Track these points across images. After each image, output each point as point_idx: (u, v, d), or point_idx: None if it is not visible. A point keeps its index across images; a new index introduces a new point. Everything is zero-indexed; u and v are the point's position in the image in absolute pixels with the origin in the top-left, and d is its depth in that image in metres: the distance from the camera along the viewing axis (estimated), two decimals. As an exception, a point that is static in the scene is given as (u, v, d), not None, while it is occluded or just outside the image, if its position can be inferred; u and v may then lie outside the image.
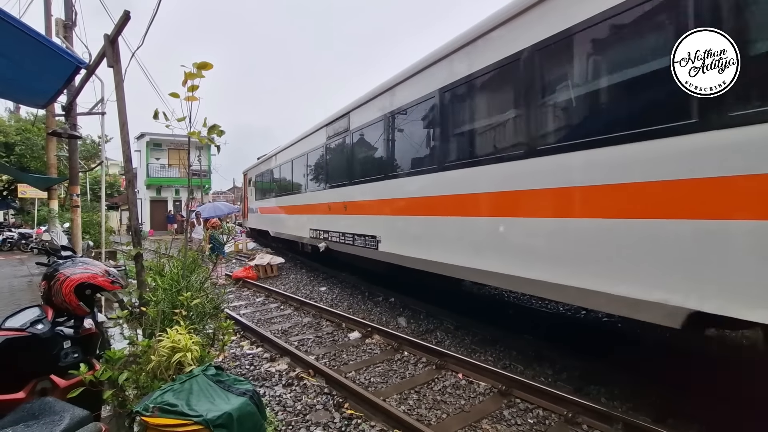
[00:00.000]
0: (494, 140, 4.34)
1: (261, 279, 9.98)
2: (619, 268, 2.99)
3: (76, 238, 8.08)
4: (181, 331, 2.67)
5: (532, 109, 3.70)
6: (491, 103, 4.44)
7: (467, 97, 4.64)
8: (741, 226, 2.36)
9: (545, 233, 3.58)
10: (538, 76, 3.63)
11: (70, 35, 8.20)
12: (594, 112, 3.32)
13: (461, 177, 4.61)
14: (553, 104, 3.59)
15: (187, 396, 2.09)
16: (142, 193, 29.10)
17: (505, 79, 4.07)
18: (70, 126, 6.81)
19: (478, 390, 3.80)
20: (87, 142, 24.07)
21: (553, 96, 3.58)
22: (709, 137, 2.47)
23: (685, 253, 2.60)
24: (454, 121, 4.79)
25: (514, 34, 3.84)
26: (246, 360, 4.69)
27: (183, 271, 3.41)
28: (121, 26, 3.48)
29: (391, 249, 5.91)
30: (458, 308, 6.06)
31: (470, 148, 4.68)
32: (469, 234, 4.50)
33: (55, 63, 4.32)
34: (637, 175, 2.85)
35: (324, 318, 6.40)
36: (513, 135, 4.02)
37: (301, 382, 4.04)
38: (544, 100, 3.62)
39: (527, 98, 3.73)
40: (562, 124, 3.58)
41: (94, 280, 2.44)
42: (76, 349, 2.34)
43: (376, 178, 6.36)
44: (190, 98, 2.89)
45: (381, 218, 6.25)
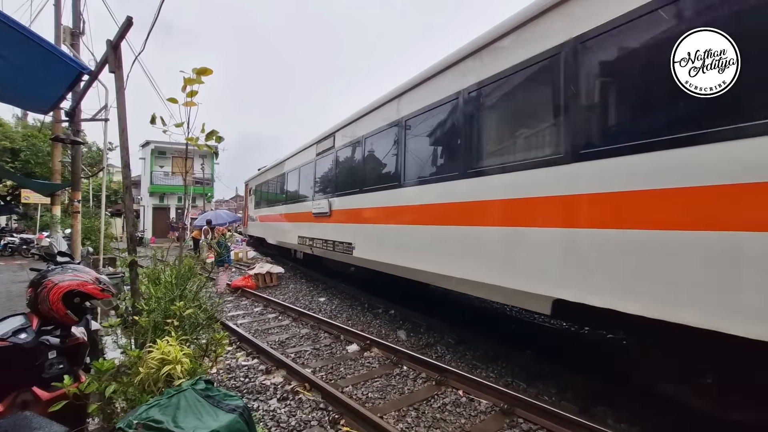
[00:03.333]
0: (418, 169, 5.57)
1: (260, 288, 9.88)
2: (514, 267, 3.85)
3: (75, 245, 8.03)
4: (172, 342, 2.58)
5: (422, 155, 5.48)
6: (417, 142, 5.63)
7: (399, 136, 5.93)
8: (581, 233, 3.20)
9: (460, 240, 4.53)
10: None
11: (77, 42, 8.28)
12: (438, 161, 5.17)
13: (387, 196, 6.09)
14: (433, 152, 5.31)
15: (174, 412, 1.99)
16: (145, 200, 29.23)
17: (428, 123, 5.35)
18: (73, 132, 6.81)
19: (479, 408, 3.67)
20: (93, 148, 24.26)
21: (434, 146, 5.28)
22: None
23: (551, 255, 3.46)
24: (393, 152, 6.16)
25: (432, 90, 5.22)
26: (241, 372, 4.58)
27: (177, 279, 3.33)
28: (123, 32, 3.47)
29: (362, 254, 6.89)
30: (459, 321, 5.94)
31: (401, 173, 5.87)
32: (405, 239, 5.68)
33: (58, 69, 4.33)
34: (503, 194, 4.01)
35: (322, 329, 6.28)
36: (428, 166, 5.37)
37: (296, 396, 3.92)
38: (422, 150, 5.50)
39: (423, 144, 5.44)
40: (441, 164, 5.11)
41: (84, 287, 2.36)
42: (61, 359, 2.25)
43: (351, 191, 7.41)
44: (188, 104, 2.86)
45: (355, 226, 7.22)
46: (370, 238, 6.67)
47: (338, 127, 8.27)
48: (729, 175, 2.36)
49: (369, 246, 6.68)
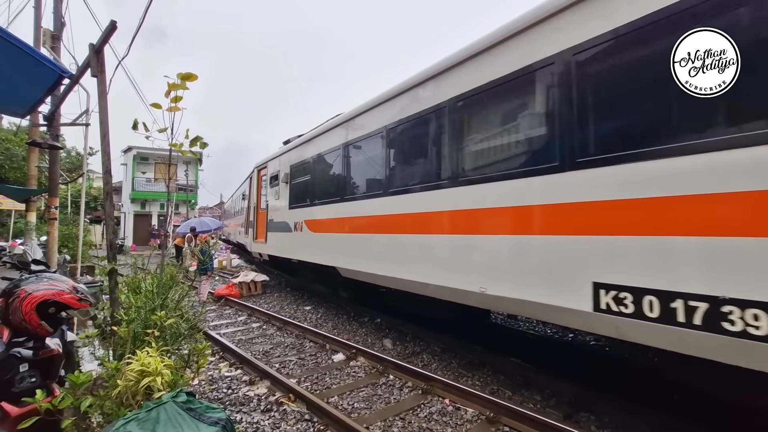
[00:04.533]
0: (358, 186, 6.45)
1: (244, 297, 9.71)
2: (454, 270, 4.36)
3: (52, 252, 7.75)
4: (152, 353, 2.51)
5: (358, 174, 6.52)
6: (358, 163, 6.49)
7: (344, 157, 6.76)
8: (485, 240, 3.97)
9: (411, 245, 5.06)
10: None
11: (57, 46, 8.09)
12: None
13: (330, 209, 7.02)
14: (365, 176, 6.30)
15: (153, 426, 1.93)
16: (126, 206, 28.53)
17: (365, 149, 6.25)
18: (51, 136, 6.62)
19: (465, 417, 3.66)
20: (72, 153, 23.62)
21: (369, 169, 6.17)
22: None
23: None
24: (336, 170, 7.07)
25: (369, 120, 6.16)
26: (223, 383, 4.47)
27: (159, 288, 3.24)
28: (107, 36, 3.41)
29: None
30: (445, 330, 5.93)
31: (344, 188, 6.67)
32: (355, 245, 6.27)
33: (37, 72, 4.21)
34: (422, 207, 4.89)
35: (308, 339, 6.20)
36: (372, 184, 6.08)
37: (280, 408, 3.84)
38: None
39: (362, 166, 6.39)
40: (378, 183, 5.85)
41: (60, 297, 2.28)
42: (34, 372, 2.16)
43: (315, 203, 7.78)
44: (172, 109, 2.81)
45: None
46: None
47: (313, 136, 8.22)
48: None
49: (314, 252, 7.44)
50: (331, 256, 6.96)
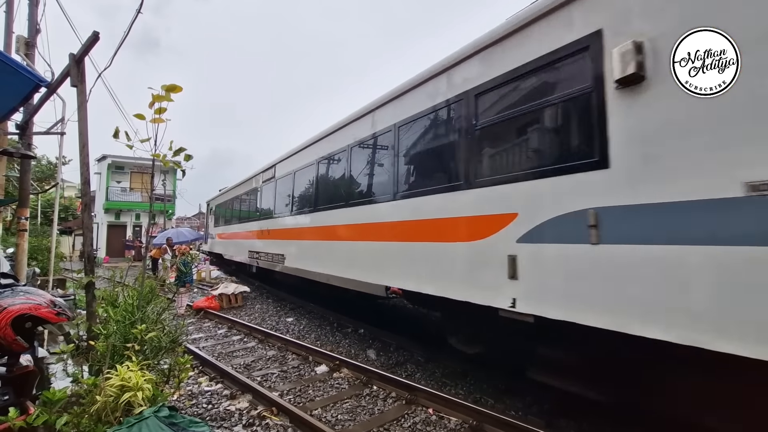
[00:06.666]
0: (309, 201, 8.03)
1: (224, 309, 9.52)
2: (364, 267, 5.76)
3: (20, 265, 7.44)
4: (133, 367, 2.46)
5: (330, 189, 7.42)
6: (323, 180, 7.60)
7: (303, 176, 8.35)
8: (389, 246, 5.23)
9: (329, 249, 6.75)
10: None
11: (32, 53, 7.88)
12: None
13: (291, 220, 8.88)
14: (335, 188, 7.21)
15: (134, 442, 1.90)
16: (99, 217, 27.53)
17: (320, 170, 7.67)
18: (24, 145, 6.41)
19: (449, 426, 3.70)
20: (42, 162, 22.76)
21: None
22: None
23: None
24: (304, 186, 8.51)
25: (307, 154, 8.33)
26: (203, 398, 4.37)
27: (138, 301, 3.18)
28: (89, 46, 3.38)
29: (290, 263, 8.69)
30: (428, 339, 5.97)
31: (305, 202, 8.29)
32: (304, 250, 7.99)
33: (11, 80, 4.12)
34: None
35: (290, 351, 6.12)
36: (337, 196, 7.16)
37: (263, 422, 3.79)
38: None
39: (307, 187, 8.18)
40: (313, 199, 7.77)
41: (37, 311, 2.22)
42: (7, 390, 2.09)
43: (281, 214, 9.50)
44: (156, 120, 2.81)
45: (285, 242, 9.14)
46: (293, 250, 8.73)
47: (277, 160, 10.34)
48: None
49: (292, 257, 8.63)
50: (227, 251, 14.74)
